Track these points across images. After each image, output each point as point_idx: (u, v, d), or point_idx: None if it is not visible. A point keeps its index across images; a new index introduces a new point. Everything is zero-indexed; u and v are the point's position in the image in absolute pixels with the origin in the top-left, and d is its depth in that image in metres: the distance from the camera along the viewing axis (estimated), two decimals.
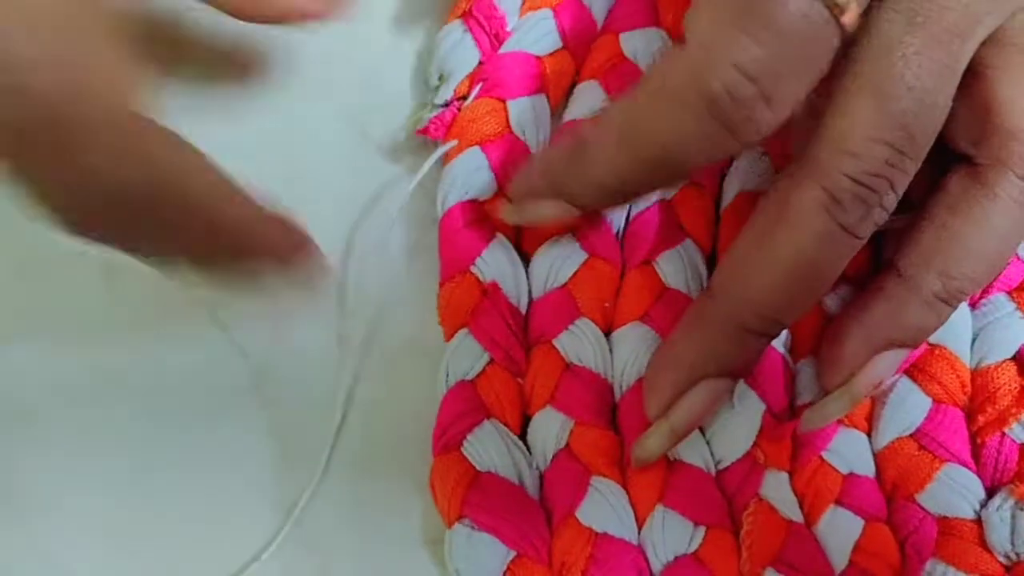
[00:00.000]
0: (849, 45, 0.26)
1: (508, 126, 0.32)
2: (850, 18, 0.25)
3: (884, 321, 0.28)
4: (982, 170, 0.27)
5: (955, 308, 0.28)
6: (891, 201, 0.26)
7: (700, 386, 0.28)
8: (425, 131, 0.32)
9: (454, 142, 0.32)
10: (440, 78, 0.32)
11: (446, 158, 0.32)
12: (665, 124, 0.26)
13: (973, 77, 0.27)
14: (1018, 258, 0.31)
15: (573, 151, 0.28)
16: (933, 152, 0.27)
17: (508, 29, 0.33)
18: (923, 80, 0.25)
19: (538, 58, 0.33)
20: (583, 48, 0.34)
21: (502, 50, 0.32)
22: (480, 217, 0.32)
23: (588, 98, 0.33)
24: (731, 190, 0.32)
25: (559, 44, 0.33)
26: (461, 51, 0.32)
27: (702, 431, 0.30)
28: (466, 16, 0.32)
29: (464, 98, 0.32)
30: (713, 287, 0.28)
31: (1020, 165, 0.27)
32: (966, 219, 0.27)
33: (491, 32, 0.32)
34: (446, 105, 0.32)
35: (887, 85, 0.25)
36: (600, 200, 0.29)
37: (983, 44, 0.26)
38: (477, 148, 0.32)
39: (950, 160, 0.28)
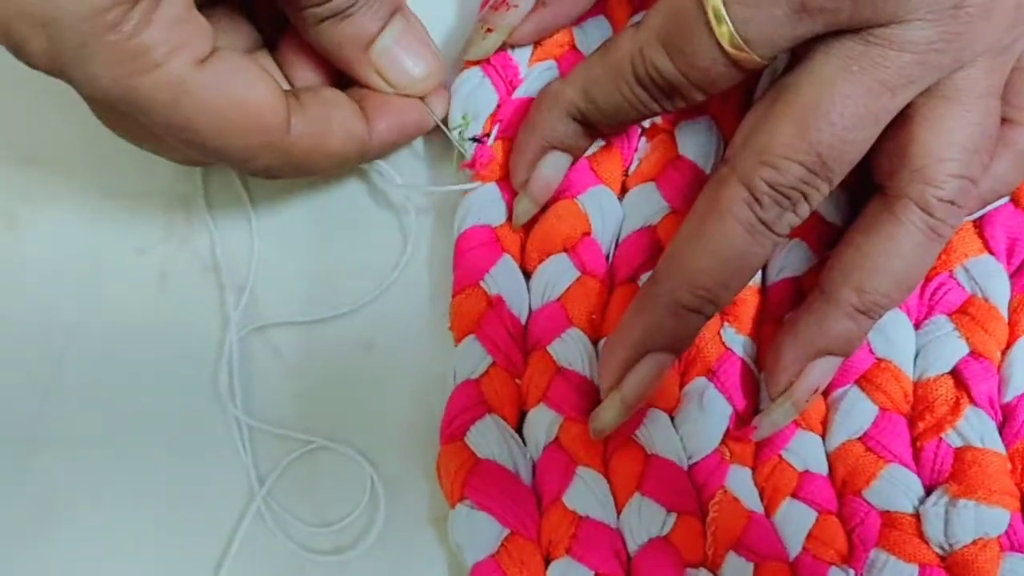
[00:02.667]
0: (787, 71, 0.30)
1: None
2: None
3: (812, 332, 0.32)
4: (891, 200, 0.31)
5: (875, 320, 0.32)
6: (804, 209, 0.31)
7: (646, 359, 0.32)
8: (471, 165, 0.36)
9: (478, 184, 0.36)
10: (464, 118, 0.36)
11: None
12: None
13: (902, 119, 0.30)
14: (957, 284, 0.35)
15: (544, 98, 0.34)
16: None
17: (520, 77, 0.36)
18: (845, 120, 0.29)
19: None
20: None
21: (515, 95, 0.36)
22: (490, 240, 0.35)
23: None
24: None
25: None
26: (481, 93, 0.36)
27: (676, 429, 0.34)
28: (484, 65, 0.36)
29: (488, 135, 0.36)
30: (657, 273, 0.32)
31: (921, 198, 0.30)
32: (876, 241, 0.31)
33: (506, 79, 0.36)
34: (478, 140, 0.36)
35: (812, 117, 0.29)
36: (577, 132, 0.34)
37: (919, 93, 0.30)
38: (494, 184, 0.36)
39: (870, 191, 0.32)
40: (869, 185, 0.33)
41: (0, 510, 0.36)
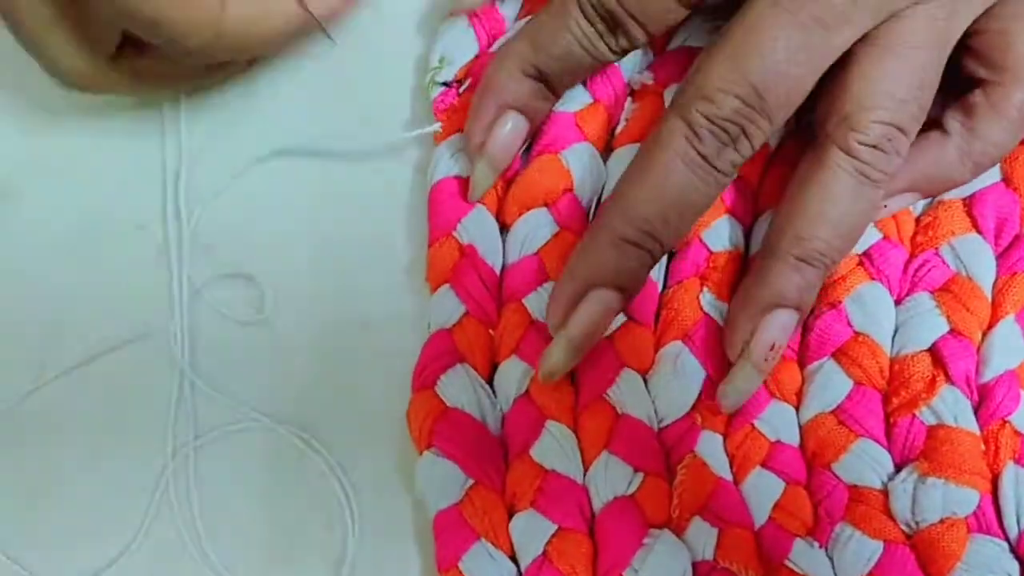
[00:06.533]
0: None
1: None
2: None
3: (756, 287, 0.32)
4: (819, 147, 0.32)
5: (819, 269, 0.32)
6: (745, 147, 0.31)
7: (589, 296, 0.31)
8: (435, 110, 0.36)
9: (438, 125, 0.36)
10: (441, 60, 0.36)
11: (437, 138, 0.36)
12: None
13: (840, 67, 0.31)
14: (943, 261, 0.34)
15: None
16: None
17: (505, 30, 0.37)
18: (777, 52, 0.30)
19: None
20: None
21: (493, 48, 0.36)
22: (464, 189, 0.35)
23: (572, 95, 0.36)
24: None
25: None
26: (463, 41, 0.36)
27: (648, 391, 0.34)
28: (471, 15, 0.36)
29: (461, 82, 0.36)
30: (601, 209, 0.32)
31: (844, 142, 0.31)
32: (809, 188, 0.31)
33: (490, 31, 0.36)
34: (448, 84, 0.36)
35: (744, 49, 0.30)
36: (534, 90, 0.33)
37: (857, 41, 0.31)
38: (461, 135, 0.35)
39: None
40: None
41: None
